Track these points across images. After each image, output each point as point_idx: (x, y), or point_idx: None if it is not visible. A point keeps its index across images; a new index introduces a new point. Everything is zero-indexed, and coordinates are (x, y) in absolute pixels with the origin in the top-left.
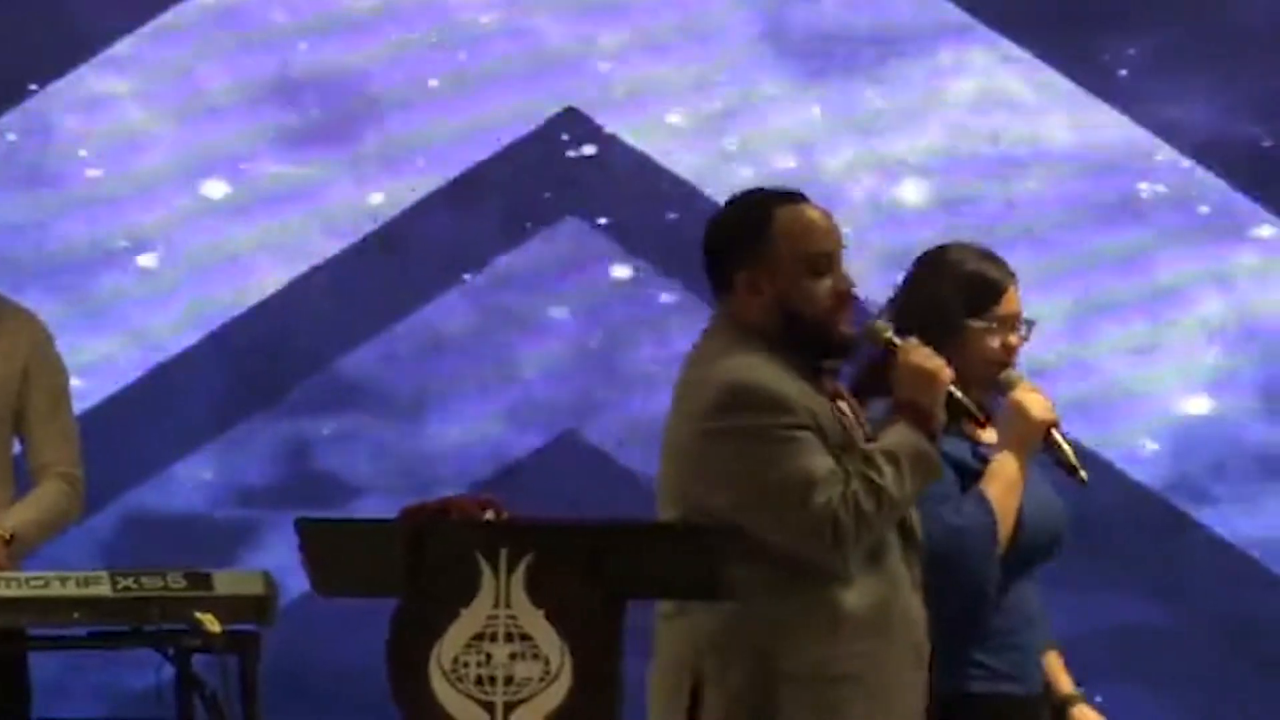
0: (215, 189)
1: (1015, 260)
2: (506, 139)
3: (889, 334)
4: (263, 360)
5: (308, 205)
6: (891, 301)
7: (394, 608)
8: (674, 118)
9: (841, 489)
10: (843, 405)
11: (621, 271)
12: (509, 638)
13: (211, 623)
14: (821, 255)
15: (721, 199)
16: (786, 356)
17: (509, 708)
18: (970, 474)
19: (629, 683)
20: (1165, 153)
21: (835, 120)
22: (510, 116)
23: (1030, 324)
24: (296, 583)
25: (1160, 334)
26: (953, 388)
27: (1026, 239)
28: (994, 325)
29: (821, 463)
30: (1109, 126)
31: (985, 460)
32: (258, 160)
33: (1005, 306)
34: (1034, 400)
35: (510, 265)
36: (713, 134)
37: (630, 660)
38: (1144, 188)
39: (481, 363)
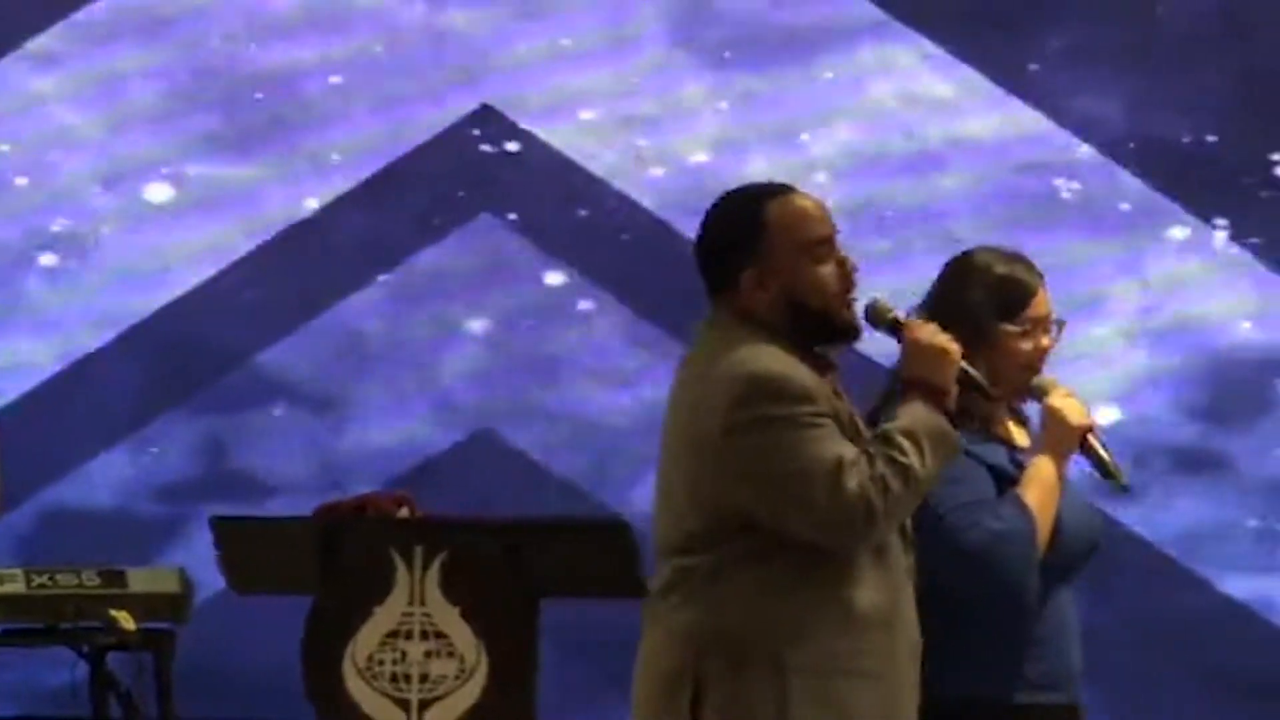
0: (133, 189)
1: (934, 260)
2: (421, 137)
3: (894, 313)
4: (180, 357)
5: (225, 204)
6: (920, 309)
7: (309, 605)
8: (589, 115)
9: (869, 471)
10: (845, 398)
11: (536, 269)
12: (424, 635)
13: (126, 620)
14: (820, 241)
15: (637, 196)
16: (793, 346)
17: (424, 705)
18: (1007, 479)
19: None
20: (1084, 151)
21: (750, 120)
22: (426, 115)
23: (1061, 324)
24: (214, 579)
25: (1078, 332)
26: (963, 363)
27: (944, 238)
28: (1026, 328)
29: (847, 447)
30: (1028, 124)
31: (1021, 466)
32: (176, 161)
33: (1036, 309)
34: (1071, 405)
35: (426, 263)
36: (628, 132)
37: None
38: (1061, 185)
39: (398, 360)
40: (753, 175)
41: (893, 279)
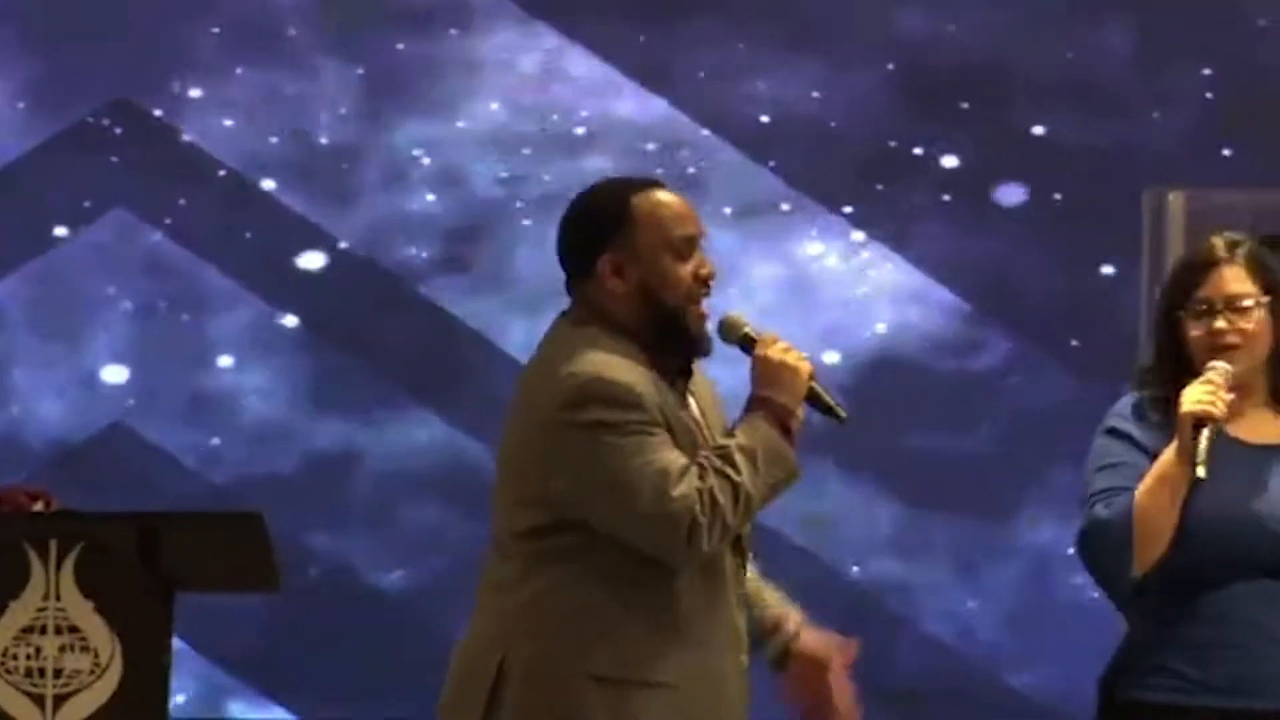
0: None
1: None
2: (56, 127)
3: (746, 329)
4: None
5: None
6: None
7: None
8: (194, 93)
9: (698, 483)
10: (693, 407)
11: (170, 255)
12: (59, 630)
13: None
14: (683, 239)
15: (260, 179)
16: (643, 352)
17: (59, 700)
18: (1238, 462)
19: None
20: (721, 138)
21: (387, 95)
22: (59, 106)
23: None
24: None
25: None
26: (814, 382)
27: None
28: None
29: (676, 457)
30: (663, 111)
31: (1262, 449)
32: None
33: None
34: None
35: (66, 252)
36: (278, 116)
37: None
38: (693, 169)
39: (36, 349)
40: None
41: (537, 257)
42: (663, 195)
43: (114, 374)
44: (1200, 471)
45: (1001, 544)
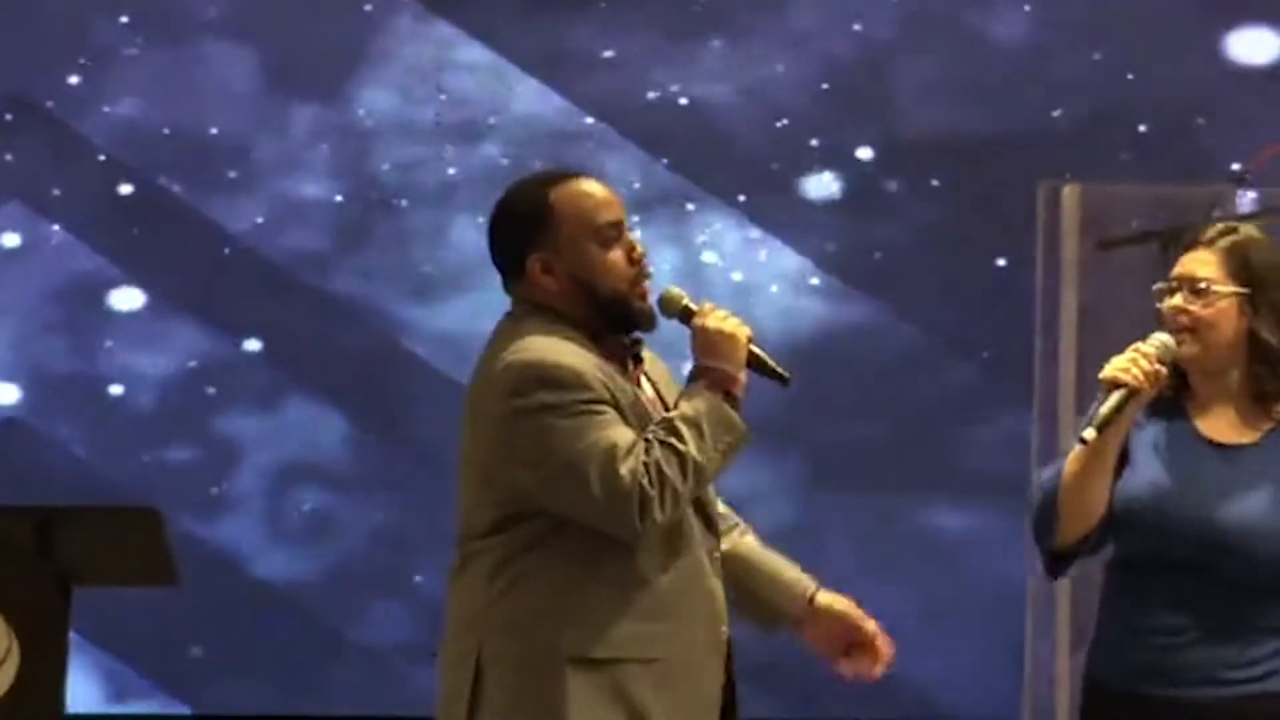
0: None
1: (459, 231)
2: None
3: (685, 301)
4: None
5: None
6: None
7: None
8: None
9: (645, 458)
10: (647, 389)
11: (72, 252)
12: None
13: None
14: (607, 225)
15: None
16: (586, 334)
17: None
18: (1188, 455)
19: None
20: (616, 129)
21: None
22: None
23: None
24: None
25: None
26: (753, 346)
27: (470, 208)
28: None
29: (623, 434)
30: (556, 103)
31: (1218, 448)
32: None
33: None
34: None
35: None
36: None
37: None
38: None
39: None
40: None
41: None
42: (581, 185)
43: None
44: (1087, 432)
45: (904, 532)
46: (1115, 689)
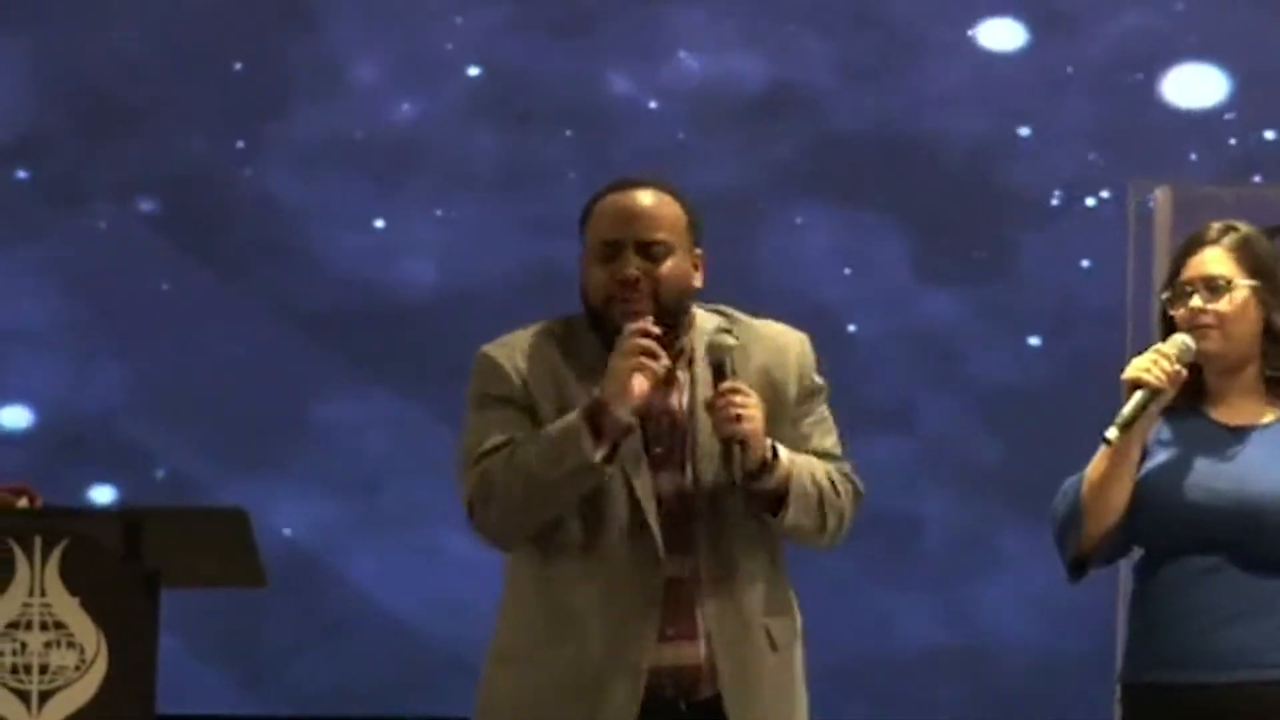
0: None
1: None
2: None
3: (725, 359)
4: None
5: None
6: None
7: None
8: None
9: (487, 465)
10: (682, 395)
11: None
12: (44, 626)
13: None
14: (605, 243)
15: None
16: (600, 336)
17: (44, 696)
18: (1210, 441)
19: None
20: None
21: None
22: None
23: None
24: None
25: None
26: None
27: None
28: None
29: (493, 438)
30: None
31: (1234, 430)
32: None
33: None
34: (1135, 360)
35: None
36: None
37: None
38: None
39: None
40: None
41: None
42: (609, 200)
43: None
44: (1111, 433)
45: None
46: (1150, 684)
